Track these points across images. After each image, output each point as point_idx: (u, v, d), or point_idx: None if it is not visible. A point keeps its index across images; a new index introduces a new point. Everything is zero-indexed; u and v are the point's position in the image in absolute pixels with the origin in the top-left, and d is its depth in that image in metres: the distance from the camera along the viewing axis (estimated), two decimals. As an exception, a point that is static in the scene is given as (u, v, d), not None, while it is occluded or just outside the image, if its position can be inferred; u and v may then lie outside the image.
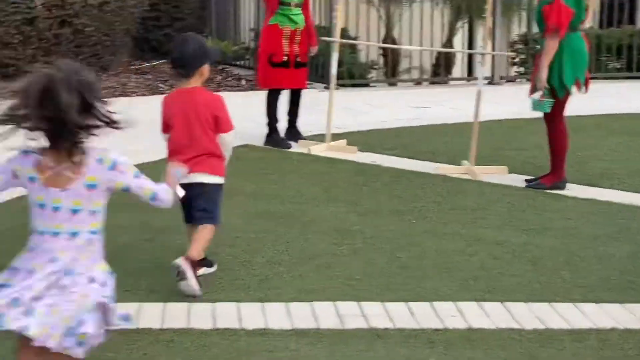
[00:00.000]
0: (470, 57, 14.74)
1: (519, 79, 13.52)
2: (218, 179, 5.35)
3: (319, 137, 9.02)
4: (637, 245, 6.20)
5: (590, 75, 11.47)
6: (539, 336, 4.77)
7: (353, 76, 12.66)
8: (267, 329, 4.78)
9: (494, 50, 11.78)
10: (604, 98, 11.21)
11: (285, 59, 8.68)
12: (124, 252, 5.90)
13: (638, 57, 13.27)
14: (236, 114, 5.73)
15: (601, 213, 6.90)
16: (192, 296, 5.08)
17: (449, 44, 14.22)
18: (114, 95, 11.51)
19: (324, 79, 11.57)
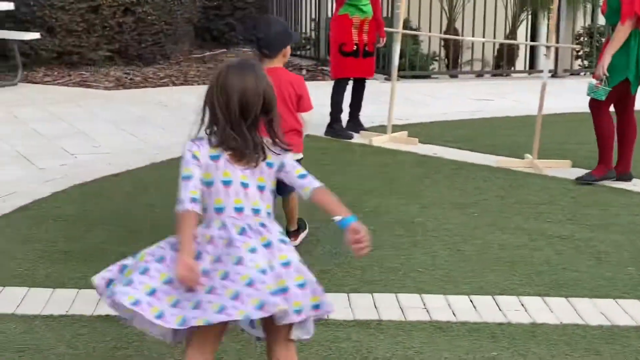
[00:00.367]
0: (533, 49, 14.65)
1: (582, 72, 13.43)
2: (299, 155, 5.47)
3: (380, 129, 9.04)
4: None
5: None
6: (604, 332, 4.73)
7: (414, 67, 12.66)
8: (329, 320, 4.77)
9: (558, 42, 11.69)
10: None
11: (355, 48, 8.79)
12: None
13: None
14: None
15: (667, 209, 6.85)
16: None
17: (512, 35, 14.15)
18: (174, 84, 11.62)
19: (385, 70, 11.58)
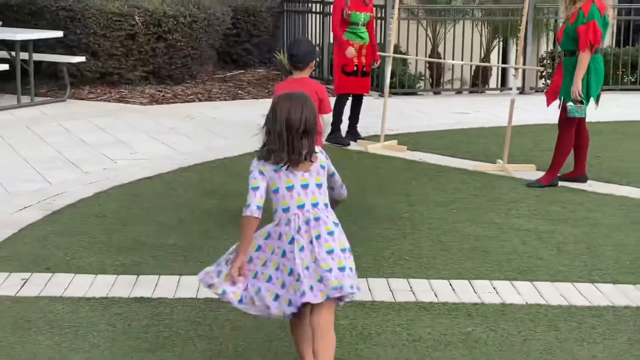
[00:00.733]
0: (504, 70, 14.62)
1: (546, 90, 13.37)
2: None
3: (374, 138, 9.03)
4: (649, 234, 6.13)
5: (608, 88, 11.33)
6: (563, 311, 4.73)
7: (404, 86, 12.62)
8: None
9: (525, 64, 11.67)
10: (620, 107, 11.10)
11: (355, 68, 8.83)
12: (208, 233, 5.95)
13: (650, 72, 13.09)
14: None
15: (617, 206, 6.81)
16: None
17: (486, 59, 14.13)
18: (200, 100, 11.61)
19: (379, 88, 11.56)
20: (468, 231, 6.10)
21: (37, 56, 11.13)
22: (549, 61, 13.54)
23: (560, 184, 7.41)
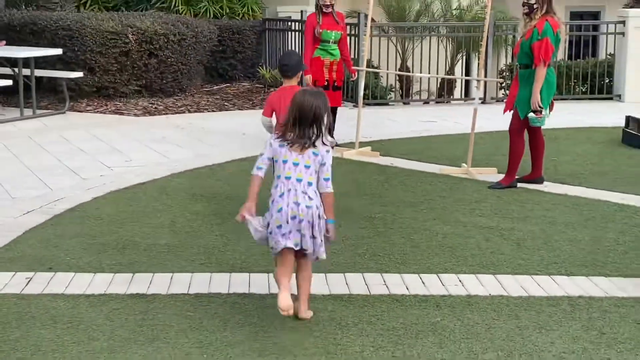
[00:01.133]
0: (467, 82, 14.68)
1: (505, 100, 13.42)
2: None
3: (349, 145, 9.03)
4: (599, 231, 6.15)
5: (562, 97, 11.37)
6: (523, 302, 4.75)
7: (376, 97, 12.64)
8: (310, 294, 4.78)
9: (486, 76, 11.71)
10: (572, 115, 11.14)
11: (325, 83, 8.76)
12: (197, 233, 5.94)
13: (598, 83, 13.17)
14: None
15: (571, 205, 6.84)
16: None
17: (451, 72, 14.17)
18: (189, 111, 11.58)
19: (353, 99, 11.56)
20: (436, 229, 6.12)
21: (38, 72, 11.08)
22: (507, 73, 13.60)
23: (519, 185, 7.44)
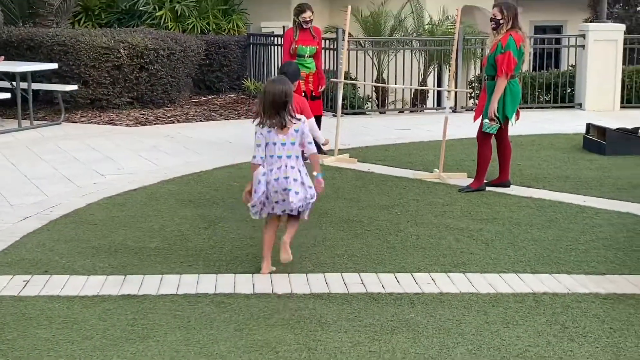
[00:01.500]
0: (439, 92, 14.71)
1: (475, 108, 13.45)
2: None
3: (329, 152, 8.98)
4: (562, 231, 6.16)
5: (527, 106, 11.39)
6: (491, 298, 4.76)
7: (354, 107, 12.64)
8: (292, 293, 4.78)
9: (456, 87, 11.74)
10: (536, 123, 11.20)
11: (303, 94, 8.74)
12: (185, 236, 5.90)
13: (561, 92, 13.24)
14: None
15: (536, 207, 6.86)
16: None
17: (424, 83, 14.20)
18: (179, 121, 11.53)
19: (332, 109, 11.56)
20: (410, 231, 6.11)
21: (35, 85, 11.04)
22: (476, 84, 13.64)
23: (488, 188, 7.46)
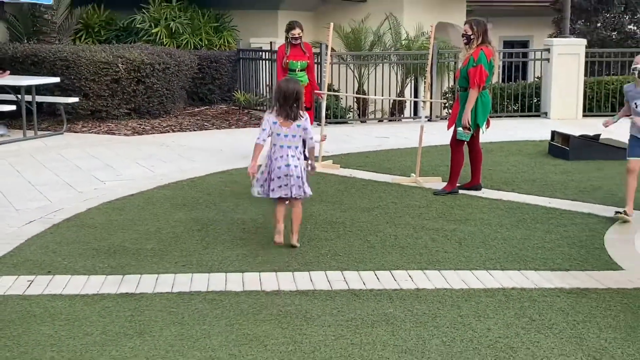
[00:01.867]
0: (416, 102, 14.76)
1: (448, 117, 13.50)
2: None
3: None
4: (529, 230, 6.20)
5: (496, 115, 11.43)
6: (464, 293, 4.77)
7: (337, 116, 12.66)
8: (279, 290, 4.78)
9: (432, 98, 11.79)
10: (506, 130, 11.26)
11: None
12: (180, 238, 5.89)
13: (528, 102, 13.32)
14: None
15: (505, 209, 6.89)
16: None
17: (401, 94, 14.24)
18: (173, 131, 11.51)
19: (317, 118, 11.54)
20: (389, 231, 6.13)
21: (39, 98, 10.98)
22: (450, 95, 13.71)
23: (460, 191, 7.49)
